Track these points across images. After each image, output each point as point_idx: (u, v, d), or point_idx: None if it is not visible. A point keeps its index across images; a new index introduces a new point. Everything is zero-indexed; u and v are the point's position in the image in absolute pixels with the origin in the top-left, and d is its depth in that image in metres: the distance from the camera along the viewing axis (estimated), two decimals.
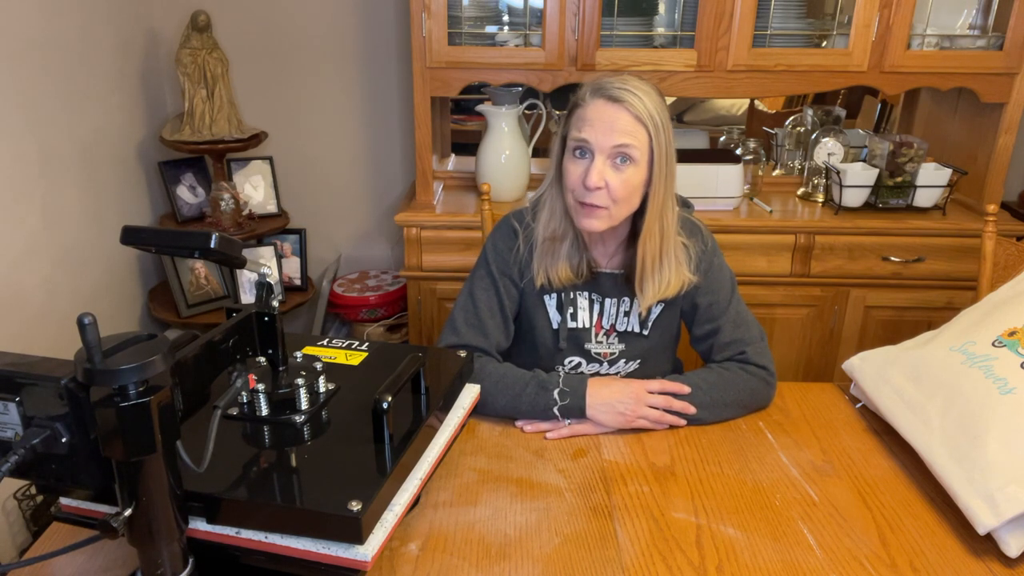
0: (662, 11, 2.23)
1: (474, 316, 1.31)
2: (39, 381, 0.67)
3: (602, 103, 1.17)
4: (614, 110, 1.16)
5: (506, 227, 1.34)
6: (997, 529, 0.92)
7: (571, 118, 1.22)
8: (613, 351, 1.35)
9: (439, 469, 1.07)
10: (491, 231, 1.37)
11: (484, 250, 1.35)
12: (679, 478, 1.08)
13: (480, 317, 1.30)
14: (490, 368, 1.24)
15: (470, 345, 1.28)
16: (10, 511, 1.87)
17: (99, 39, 2.16)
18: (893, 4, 2.03)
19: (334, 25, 2.51)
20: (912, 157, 2.17)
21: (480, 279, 1.33)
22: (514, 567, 0.90)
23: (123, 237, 0.83)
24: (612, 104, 1.17)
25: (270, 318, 0.89)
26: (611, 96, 1.17)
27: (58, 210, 2.00)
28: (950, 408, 1.06)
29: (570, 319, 1.33)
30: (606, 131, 1.16)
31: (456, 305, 1.34)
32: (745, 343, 1.29)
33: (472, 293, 1.33)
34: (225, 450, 0.83)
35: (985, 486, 0.95)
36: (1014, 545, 0.92)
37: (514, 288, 1.33)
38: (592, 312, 1.33)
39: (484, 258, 1.34)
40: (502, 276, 1.32)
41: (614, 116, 1.16)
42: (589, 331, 1.34)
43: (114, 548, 0.91)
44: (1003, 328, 1.11)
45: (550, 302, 1.33)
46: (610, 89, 1.17)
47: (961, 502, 0.97)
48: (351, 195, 2.73)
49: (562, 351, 1.35)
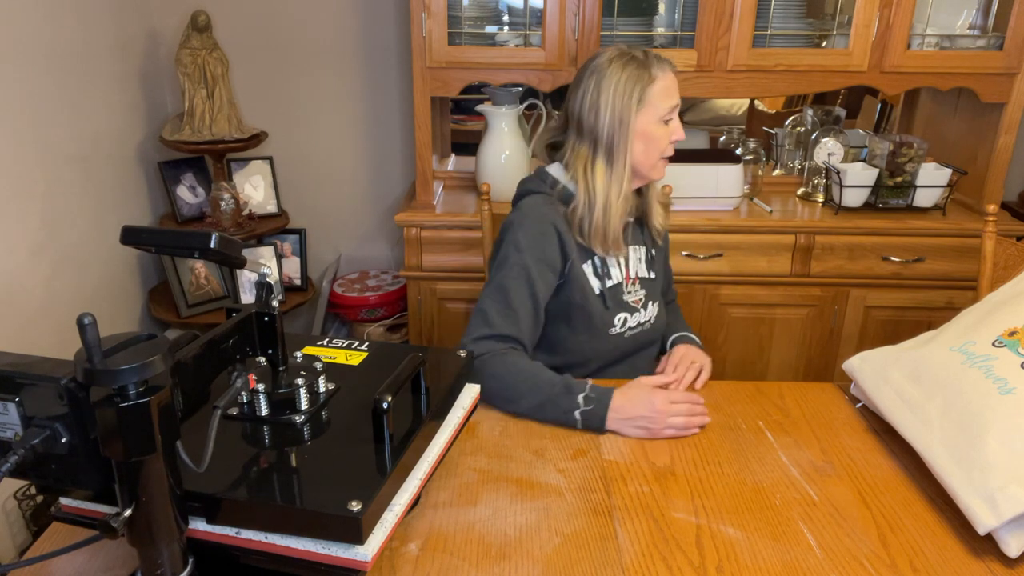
0: (662, 11, 2.23)
1: (507, 307, 1.32)
2: (39, 381, 0.66)
3: (669, 70, 1.36)
4: (674, 74, 1.37)
5: (538, 217, 1.36)
6: (997, 529, 0.92)
7: (646, 94, 1.33)
8: (639, 297, 1.46)
9: (439, 469, 1.07)
10: (515, 224, 1.36)
11: (512, 242, 1.34)
12: (679, 478, 1.08)
13: (513, 307, 1.32)
14: (522, 364, 1.26)
15: (504, 335, 1.30)
16: (10, 511, 1.87)
17: (99, 39, 2.16)
18: (893, 4, 2.03)
19: (334, 25, 2.51)
20: (912, 157, 2.17)
21: (511, 270, 1.33)
22: (514, 567, 0.90)
23: (123, 237, 0.83)
24: (673, 69, 1.37)
25: (270, 318, 0.89)
26: (667, 62, 1.37)
27: (58, 210, 2.00)
28: (950, 408, 1.06)
29: (607, 279, 1.41)
30: (677, 92, 1.37)
31: (484, 299, 1.34)
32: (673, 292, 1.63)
33: (503, 285, 1.33)
34: (225, 450, 0.83)
35: (985, 486, 0.94)
36: (1014, 545, 0.92)
37: (551, 274, 1.35)
38: (621, 267, 1.44)
39: (515, 249, 1.34)
40: (538, 263, 1.33)
41: (675, 79, 1.37)
42: (622, 284, 1.44)
43: (114, 548, 0.91)
44: (1003, 328, 1.11)
45: (589, 270, 1.39)
46: (661, 57, 1.36)
47: (961, 502, 0.97)
48: (351, 195, 2.73)
49: (610, 310, 1.41)
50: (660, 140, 1.36)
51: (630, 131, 1.34)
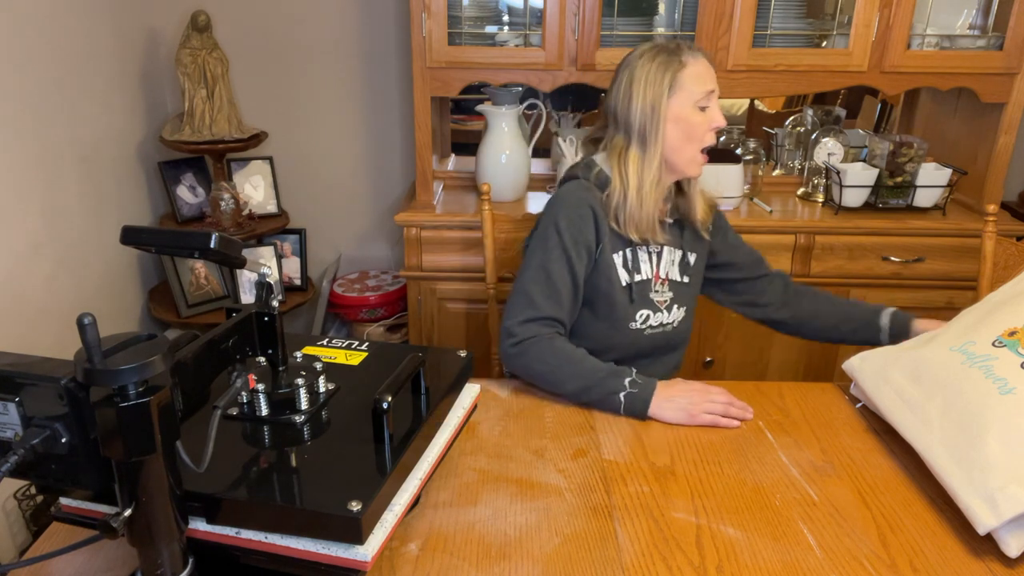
0: (662, 11, 2.23)
1: (550, 288, 1.34)
2: (39, 381, 0.66)
3: (702, 57, 1.36)
4: (708, 61, 1.37)
5: (577, 200, 1.38)
6: (997, 529, 0.92)
7: (677, 81, 1.34)
8: (666, 299, 1.47)
9: (439, 469, 1.07)
10: (555, 206, 1.39)
11: (552, 224, 1.37)
12: (679, 478, 1.08)
13: (556, 288, 1.34)
14: (568, 349, 1.30)
15: (549, 317, 1.33)
16: (10, 511, 1.87)
17: (99, 39, 2.16)
18: (893, 4, 2.03)
19: (334, 25, 2.51)
20: (912, 157, 2.17)
21: (551, 251, 1.35)
22: (514, 567, 0.90)
23: (123, 237, 0.83)
24: (707, 57, 1.37)
25: (270, 318, 0.89)
26: (700, 51, 1.37)
27: (58, 210, 2.00)
28: (950, 408, 1.06)
29: (636, 274, 1.43)
30: (715, 79, 1.37)
31: (526, 281, 1.35)
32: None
33: (545, 266, 1.35)
34: (225, 450, 0.83)
35: (985, 486, 0.94)
36: (1014, 545, 0.92)
37: (587, 255, 1.38)
38: (652, 264, 1.45)
39: (554, 231, 1.36)
40: (576, 245, 1.36)
41: (710, 66, 1.37)
42: (650, 282, 1.45)
43: (114, 548, 0.91)
44: (1003, 328, 1.11)
45: (618, 261, 1.41)
46: (693, 46, 1.37)
47: (961, 502, 0.97)
48: (351, 195, 2.73)
49: (634, 304, 1.43)
50: (697, 126, 1.36)
51: (662, 116, 1.35)
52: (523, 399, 1.30)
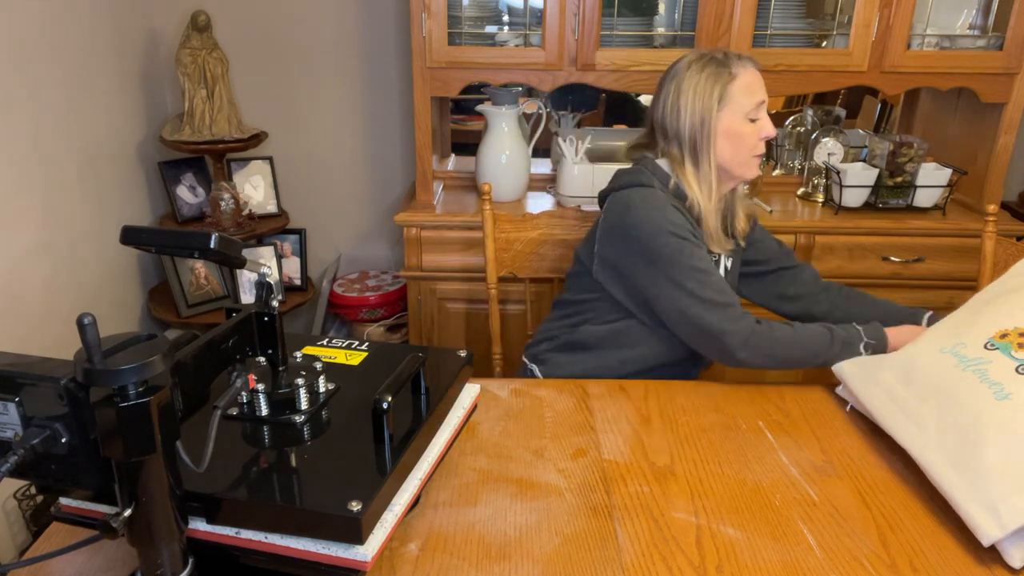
0: (662, 11, 2.23)
1: (718, 282, 1.33)
2: (39, 381, 0.66)
3: (751, 66, 1.35)
4: (757, 71, 1.36)
5: (669, 208, 1.35)
6: (1001, 540, 0.91)
7: (727, 94, 1.33)
8: None
9: (439, 469, 1.07)
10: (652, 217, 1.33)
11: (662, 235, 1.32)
12: (679, 478, 1.08)
13: (717, 277, 1.33)
14: (786, 330, 1.32)
15: (740, 306, 1.32)
16: (10, 511, 1.87)
17: (99, 39, 2.16)
18: (893, 4, 2.03)
19: (334, 25, 2.51)
20: (912, 157, 2.17)
21: (683, 252, 1.31)
22: (514, 567, 0.90)
23: (123, 237, 0.83)
24: (756, 66, 1.36)
25: (270, 318, 0.89)
26: (750, 59, 1.36)
27: (58, 210, 2.00)
28: (945, 413, 1.05)
29: None
30: (764, 88, 1.36)
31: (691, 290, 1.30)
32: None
33: (694, 266, 1.31)
34: (225, 450, 0.83)
35: (987, 496, 0.93)
36: (1018, 556, 0.90)
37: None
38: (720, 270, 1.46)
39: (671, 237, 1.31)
40: (695, 237, 1.34)
41: (759, 75, 1.36)
42: None
43: (114, 548, 0.91)
44: (994, 329, 1.10)
45: None
46: (743, 55, 1.36)
47: (962, 512, 0.95)
48: (351, 195, 2.73)
49: None
50: (748, 138, 1.35)
51: (712, 131, 1.33)
52: (523, 399, 1.30)
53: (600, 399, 1.29)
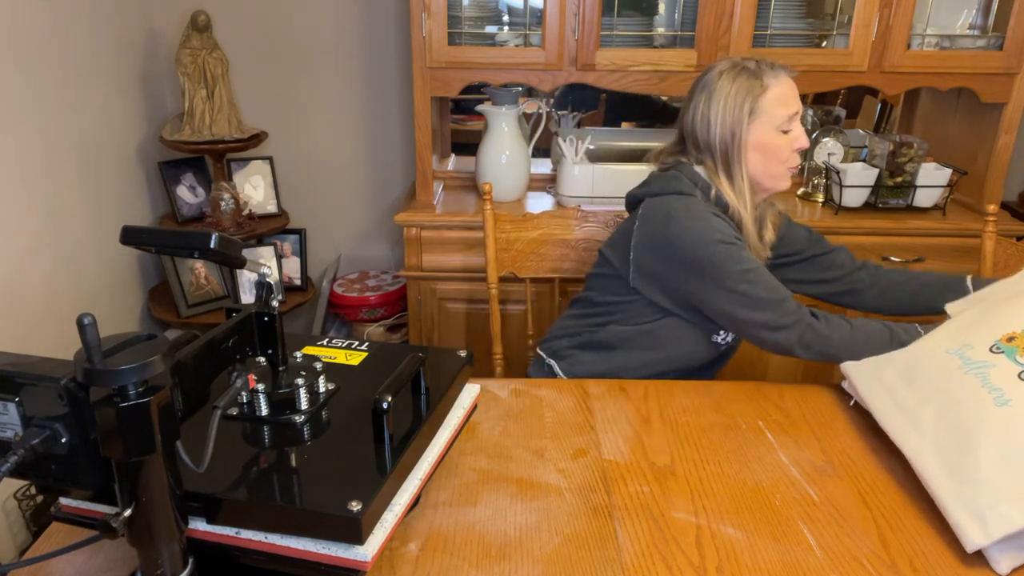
0: (662, 11, 2.23)
1: (770, 280, 1.30)
2: (39, 381, 0.66)
3: (785, 76, 1.33)
4: (791, 80, 1.34)
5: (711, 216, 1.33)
6: (987, 547, 0.90)
7: (759, 106, 1.31)
8: None
9: (439, 469, 1.07)
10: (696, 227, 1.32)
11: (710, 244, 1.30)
12: (679, 478, 1.08)
13: (768, 275, 1.31)
14: (843, 330, 1.28)
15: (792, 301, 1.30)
16: (10, 511, 1.87)
17: (99, 39, 2.16)
18: (893, 4, 2.03)
19: (334, 25, 2.51)
20: (912, 157, 2.17)
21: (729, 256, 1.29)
22: (514, 567, 0.90)
23: (123, 237, 0.83)
24: (790, 75, 1.34)
25: (270, 318, 0.89)
26: (784, 68, 1.34)
27: (59, 210, 2.00)
28: (943, 416, 1.04)
29: None
30: (798, 98, 1.34)
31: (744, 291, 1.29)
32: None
33: (743, 270, 1.29)
34: (225, 450, 0.83)
35: (976, 503, 0.92)
36: (1004, 563, 0.90)
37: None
38: None
39: (720, 245, 1.30)
40: (740, 241, 1.33)
41: (793, 84, 1.33)
42: None
43: (114, 548, 0.91)
44: (1002, 332, 1.09)
45: None
46: (776, 65, 1.34)
47: (951, 517, 0.94)
48: (351, 195, 2.73)
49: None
50: (780, 150, 1.33)
51: (743, 144, 1.31)
52: (523, 399, 1.30)
53: (600, 399, 1.29)
